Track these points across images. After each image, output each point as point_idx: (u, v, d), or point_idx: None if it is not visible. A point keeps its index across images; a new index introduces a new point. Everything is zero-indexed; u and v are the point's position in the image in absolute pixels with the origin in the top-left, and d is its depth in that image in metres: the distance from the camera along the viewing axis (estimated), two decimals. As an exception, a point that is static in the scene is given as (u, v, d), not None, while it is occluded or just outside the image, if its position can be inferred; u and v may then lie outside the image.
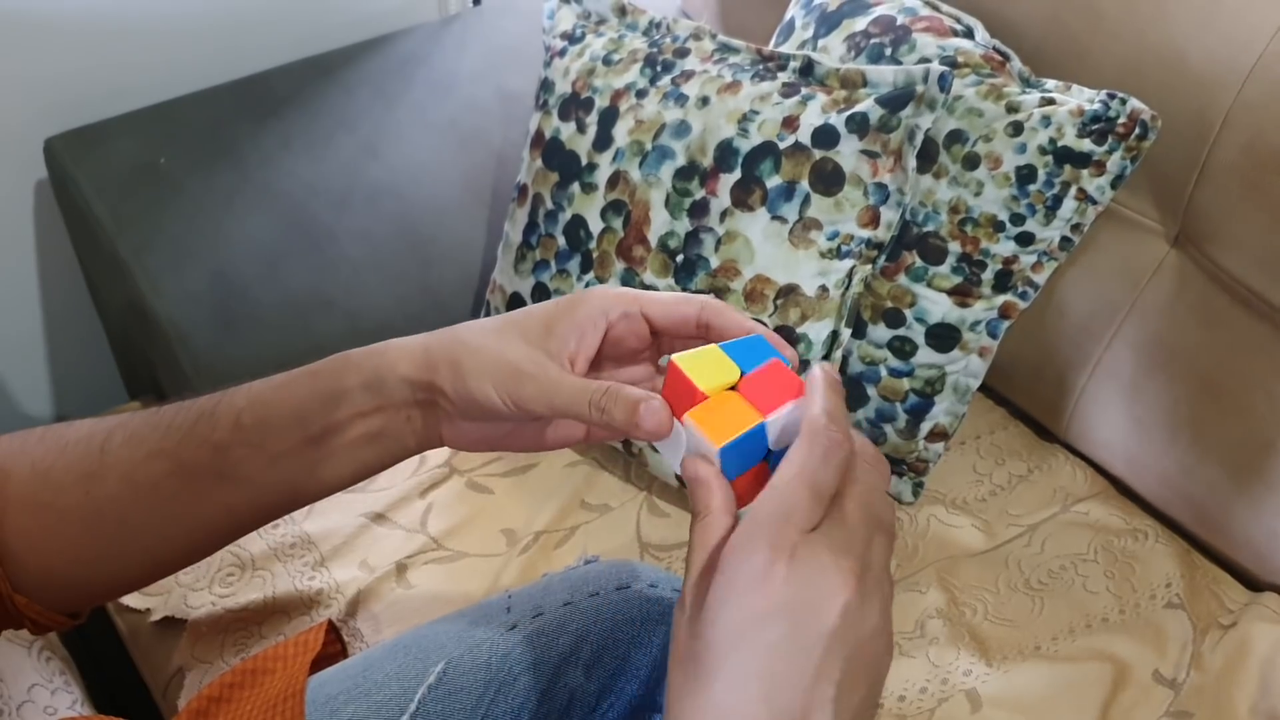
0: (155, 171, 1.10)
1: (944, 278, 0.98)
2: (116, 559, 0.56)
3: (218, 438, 0.53)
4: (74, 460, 0.53)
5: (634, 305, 0.54)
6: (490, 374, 0.52)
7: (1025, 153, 0.93)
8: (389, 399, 0.54)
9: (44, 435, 0.55)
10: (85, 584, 0.57)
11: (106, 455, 0.53)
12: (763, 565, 0.41)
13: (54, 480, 0.53)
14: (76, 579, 0.56)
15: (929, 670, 0.92)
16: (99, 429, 0.54)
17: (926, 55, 0.99)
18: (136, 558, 0.56)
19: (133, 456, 0.53)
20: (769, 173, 0.93)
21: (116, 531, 0.54)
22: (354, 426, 0.54)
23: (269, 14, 1.25)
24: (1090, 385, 1.06)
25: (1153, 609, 0.98)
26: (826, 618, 0.41)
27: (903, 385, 1.02)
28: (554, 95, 1.06)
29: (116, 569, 0.56)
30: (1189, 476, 1.01)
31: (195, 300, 1.06)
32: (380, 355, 0.54)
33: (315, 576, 0.97)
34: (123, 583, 0.58)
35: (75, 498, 0.53)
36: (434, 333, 0.55)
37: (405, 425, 0.55)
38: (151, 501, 0.54)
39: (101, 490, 0.53)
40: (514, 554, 0.99)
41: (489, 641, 0.73)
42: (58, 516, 0.53)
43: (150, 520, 0.54)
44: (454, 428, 0.55)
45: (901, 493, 1.07)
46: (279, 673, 0.73)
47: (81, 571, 0.55)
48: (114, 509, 0.53)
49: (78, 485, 0.53)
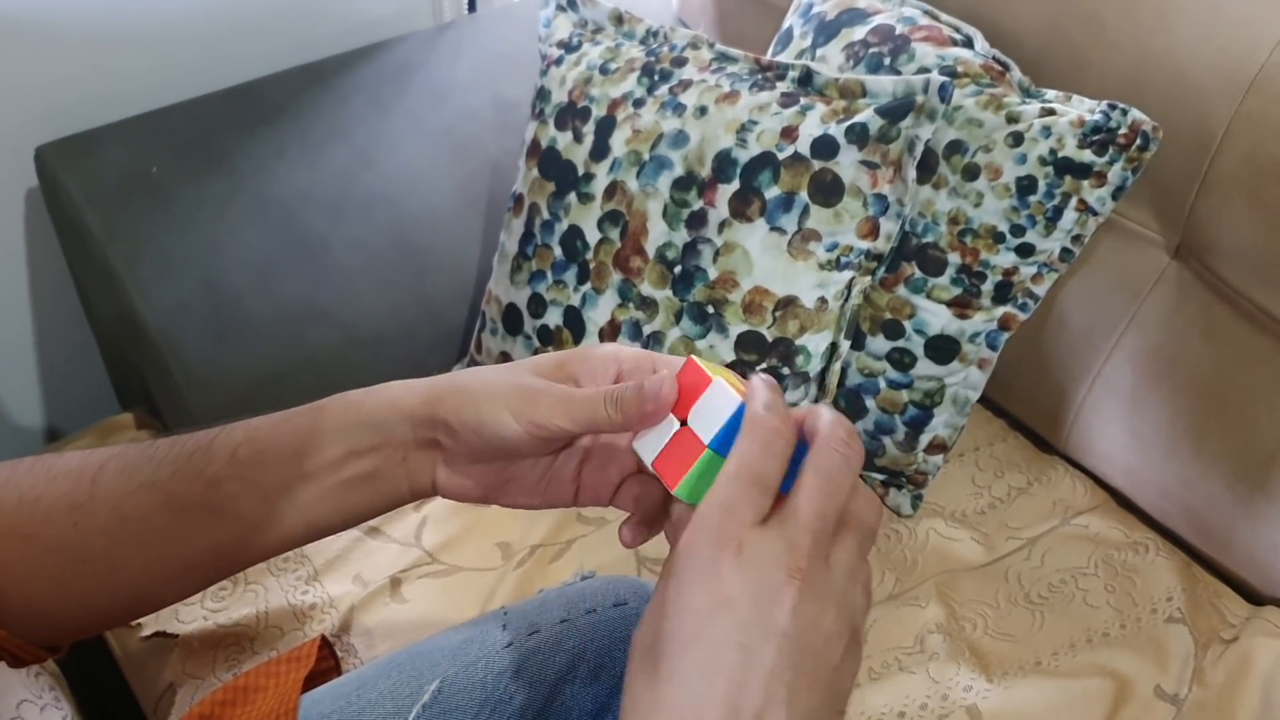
0: (147, 180, 1.09)
1: (943, 289, 0.98)
2: (100, 594, 0.54)
3: (212, 471, 0.53)
4: (63, 491, 0.52)
5: (646, 361, 0.54)
6: (503, 397, 0.51)
7: (1025, 163, 0.92)
8: (387, 437, 0.53)
9: (33, 466, 0.54)
10: (67, 618, 0.55)
11: (97, 487, 0.52)
12: (709, 559, 0.41)
13: (41, 511, 0.52)
14: (58, 613, 0.54)
15: (929, 686, 0.91)
16: (90, 460, 0.53)
17: (926, 65, 0.98)
18: (120, 594, 0.55)
19: (124, 489, 0.52)
20: (768, 183, 0.93)
21: (102, 566, 0.53)
22: (348, 465, 0.54)
23: (262, 21, 1.24)
24: (1090, 397, 1.06)
25: (1154, 623, 0.97)
26: (776, 615, 0.41)
27: (902, 397, 1.01)
28: (550, 104, 1.05)
29: (99, 605, 0.55)
30: (1189, 489, 1.00)
31: (187, 310, 1.05)
32: (382, 392, 0.54)
33: (308, 591, 0.96)
34: (104, 618, 0.57)
35: (62, 530, 0.52)
36: (437, 376, 0.55)
37: (400, 468, 0.54)
38: (140, 536, 0.53)
39: (90, 522, 0.52)
40: (509, 568, 0.98)
41: (484, 659, 0.72)
42: (43, 549, 0.52)
43: (137, 556, 0.53)
44: (452, 471, 0.55)
45: (900, 505, 1.06)
46: (271, 690, 0.72)
47: (64, 606, 0.54)
48: (101, 542, 0.52)
49: (65, 517, 0.52)
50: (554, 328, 1.02)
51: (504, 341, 1.07)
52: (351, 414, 0.54)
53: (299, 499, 0.54)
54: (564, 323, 1.02)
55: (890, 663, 0.93)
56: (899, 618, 0.96)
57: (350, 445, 0.53)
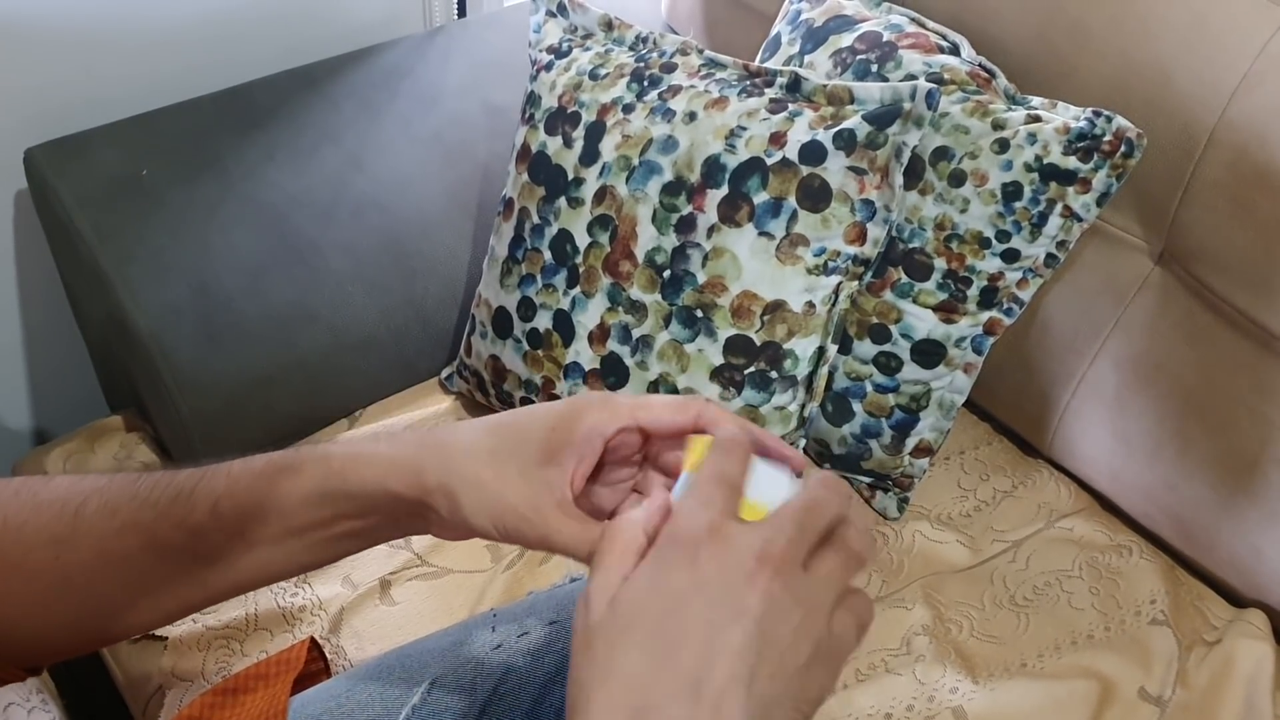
0: (137, 183, 1.09)
1: (930, 294, 0.98)
2: (83, 622, 0.55)
3: (194, 521, 0.52)
4: (46, 521, 0.52)
5: (630, 421, 0.54)
6: (488, 512, 0.52)
7: (1011, 170, 0.93)
8: (376, 509, 0.54)
9: (19, 489, 0.53)
10: (48, 643, 0.55)
11: (80, 521, 0.52)
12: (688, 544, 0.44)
13: (25, 539, 0.52)
14: (40, 638, 0.55)
15: (916, 688, 0.92)
16: (75, 492, 0.53)
17: (912, 72, 0.99)
18: (103, 623, 0.55)
19: (106, 526, 0.52)
20: (756, 189, 0.93)
21: (84, 598, 0.53)
22: (338, 525, 0.54)
23: (253, 25, 1.24)
24: (1074, 401, 1.06)
25: (1138, 625, 0.98)
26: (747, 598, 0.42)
27: (888, 401, 1.02)
28: (540, 109, 1.05)
29: (81, 630, 0.55)
30: (1173, 493, 1.01)
31: (177, 313, 1.05)
32: (367, 466, 0.53)
33: (298, 593, 0.97)
34: (87, 644, 0.57)
35: (44, 560, 0.52)
36: (422, 445, 0.53)
37: (392, 528, 0.55)
38: (123, 575, 0.53)
39: (72, 556, 0.52)
40: (499, 570, 0.98)
41: (474, 661, 0.72)
42: (25, 577, 0.52)
43: (120, 591, 0.53)
44: (444, 532, 0.55)
45: (887, 508, 1.07)
46: (260, 692, 0.72)
47: (45, 632, 0.54)
48: (83, 577, 0.52)
49: (47, 548, 0.52)
50: (543, 331, 1.03)
51: (493, 345, 1.08)
52: (335, 483, 0.53)
53: (289, 549, 0.54)
54: (554, 326, 1.02)
55: (877, 664, 0.94)
56: (885, 619, 0.97)
57: (338, 511, 0.54)
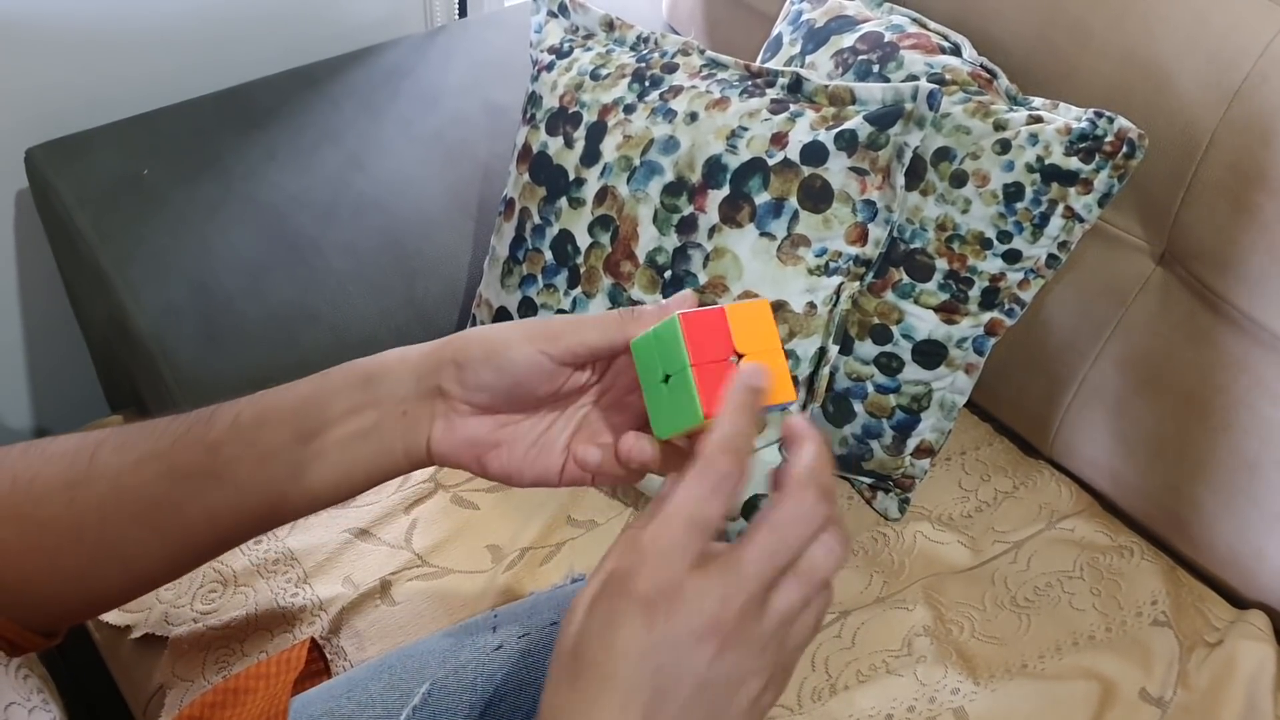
0: (138, 182, 1.09)
1: (931, 295, 0.98)
2: (95, 572, 0.55)
3: (212, 437, 0.54)
4: (59, 470, 0.53)
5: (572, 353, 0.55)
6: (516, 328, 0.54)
7: (1013, 170, 0.93)
8: (389, 391, 0.55)
9: (26, 449, 0.55)
10: (63, 599, 0.56)
11: (95, 463, 0.53)
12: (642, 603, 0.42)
13: (36, 491, 0.53)
14: (55, 594, 0.55)
15: (917, 689, 0.92)
16: (87, 440, 0.54)
17: (914, 72, 0.99)
18: (116, 570, 0.56)
19: (122, 462, 0.53)
20: (757, 189, 0.93)
21: (97, 542, 0.54)
22: (346, 422, 0.54)
23: (254, 25, 1.24)
24: (1075, 402, 1.06)
25: (1139, 626, 0.98)
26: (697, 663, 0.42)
27: (889, 401, 1.02)
28: (541, 109, 1.05)
29: (96, 583, 0.56)
30: (1174, 493, 1.01)
31: (178, 313, 1.05)
32: (388, 353, 0.56)
33: (298, 593, 0.97)
34: (101, 598, 0.58)
35: (58, 507, 0.53)
36: None
37: (398, 423, 0.55)
38: (136, 508, 0.53)
39: (87, 496, 0.53)
40: (499, 570, 0.98)
41: (475, 662, 0.72)
42: (38, 527, 0.53)
43: (131, 530, 0.54)
44: (449, 426, 0.55)
45: (888, 509, 1.07)
46: (261, 692, 0.72)
47: (60, 586, 0.55)
48: (96, 517, 0.53)
49: (62, 494, 0.53)
50: (544, 332, 1.03)
51: (494, 345, 1.08)
52: (356, 372, 0.55)
53: (296, 460, 0.54)
54: (554, 327, 1.02)
55: (878, 665, 0.94)
56: (886, 620, 0.97)
57: (351, 402, 0.54)
